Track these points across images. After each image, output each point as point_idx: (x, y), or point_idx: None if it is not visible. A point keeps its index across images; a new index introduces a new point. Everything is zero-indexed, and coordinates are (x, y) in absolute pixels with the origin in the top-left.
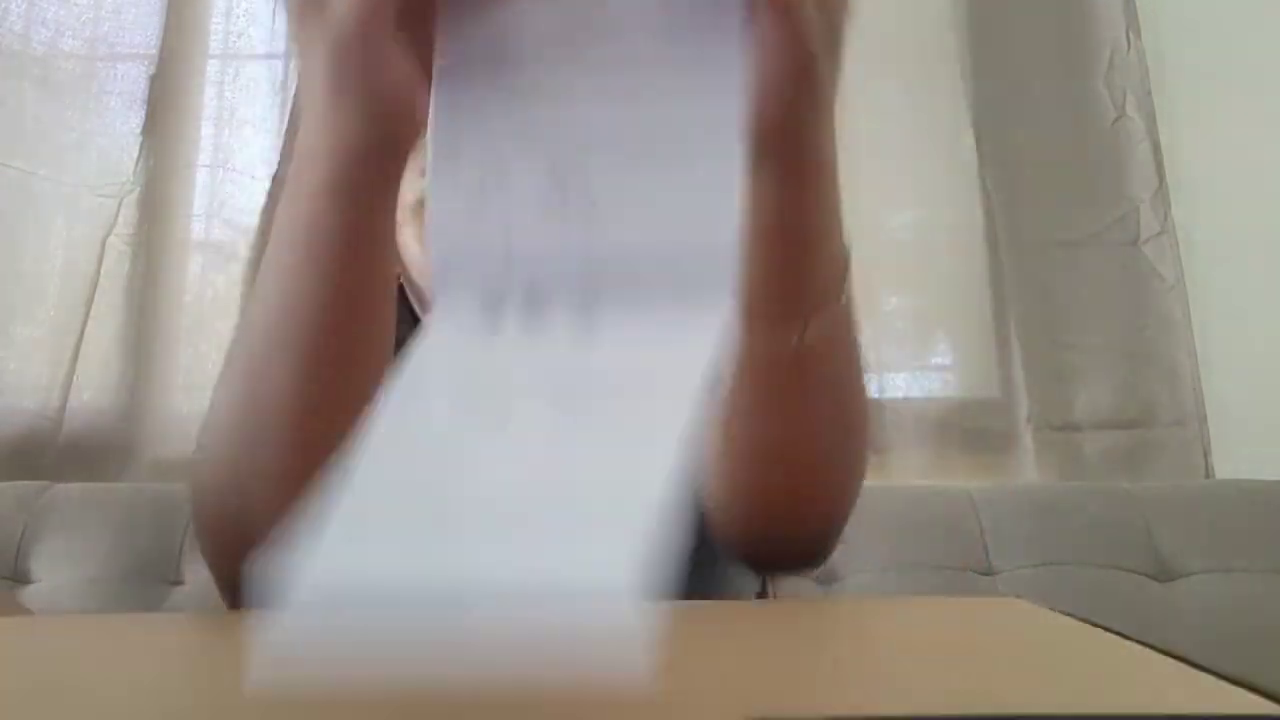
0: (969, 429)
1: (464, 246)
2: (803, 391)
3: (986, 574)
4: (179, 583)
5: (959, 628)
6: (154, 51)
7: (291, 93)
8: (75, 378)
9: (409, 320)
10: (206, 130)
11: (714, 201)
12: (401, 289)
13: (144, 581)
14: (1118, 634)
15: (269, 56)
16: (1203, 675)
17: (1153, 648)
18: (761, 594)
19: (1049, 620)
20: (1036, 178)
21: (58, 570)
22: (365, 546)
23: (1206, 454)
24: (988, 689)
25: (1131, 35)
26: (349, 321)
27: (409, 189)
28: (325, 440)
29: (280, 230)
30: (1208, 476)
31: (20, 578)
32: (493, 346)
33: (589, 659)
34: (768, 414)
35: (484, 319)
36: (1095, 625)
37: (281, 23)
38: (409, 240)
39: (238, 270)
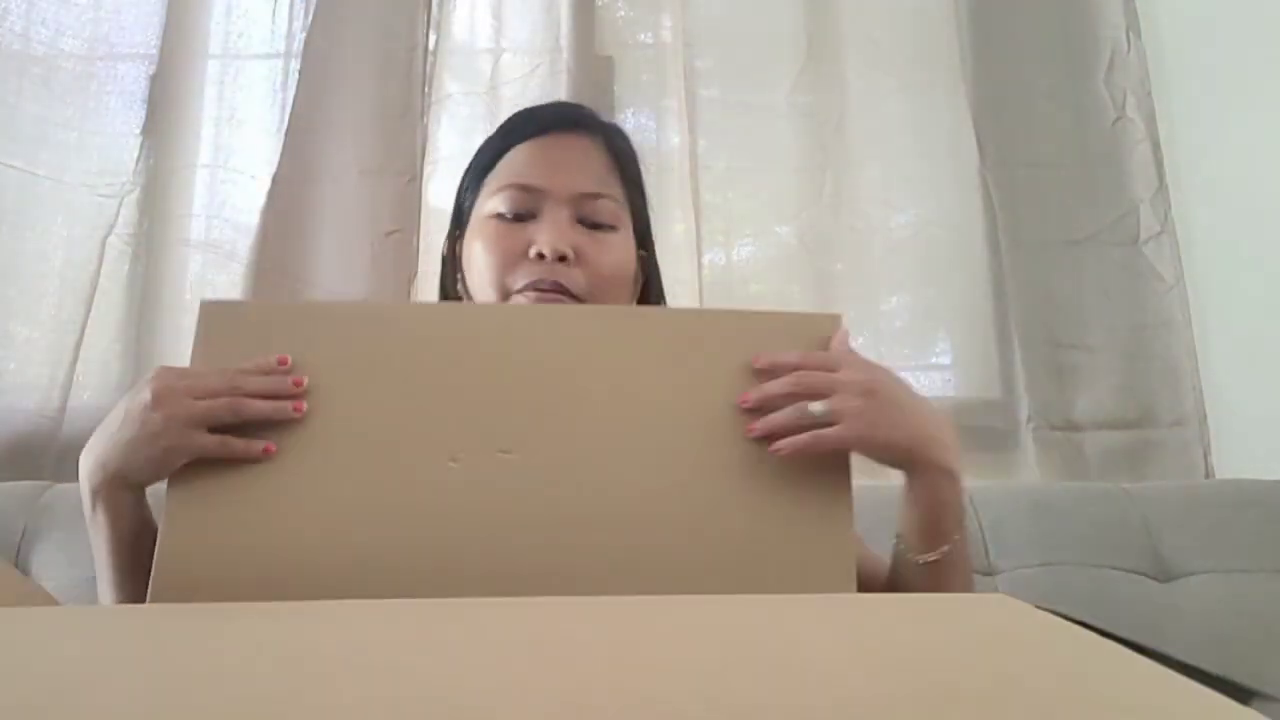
0: (969, 429)
1: None
2: (939, 586)
3: (987, 574)
4: None
5: (941, 623)
6: (154, 51)
7: (292, 93)
8: (75, 378)
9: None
10: (206, 130)
11: None
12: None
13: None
14: (1101, 632)
15: (269, 56)
16: (1169, 671)
17: (1137, 646)
18: None
19: (1031, 617)
20: (1036, 178)
21: (58, 570)
22: None
23: (1206, 454)
24: (959, 683)
25: (1131, 35)
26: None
27: (486, 206)
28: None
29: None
30: (1208, 476)
31: None
32: None
33: None
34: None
35: None
36: (1081, 624)
37: (281, 23)
38: (477, 250)
39: (238, 270)
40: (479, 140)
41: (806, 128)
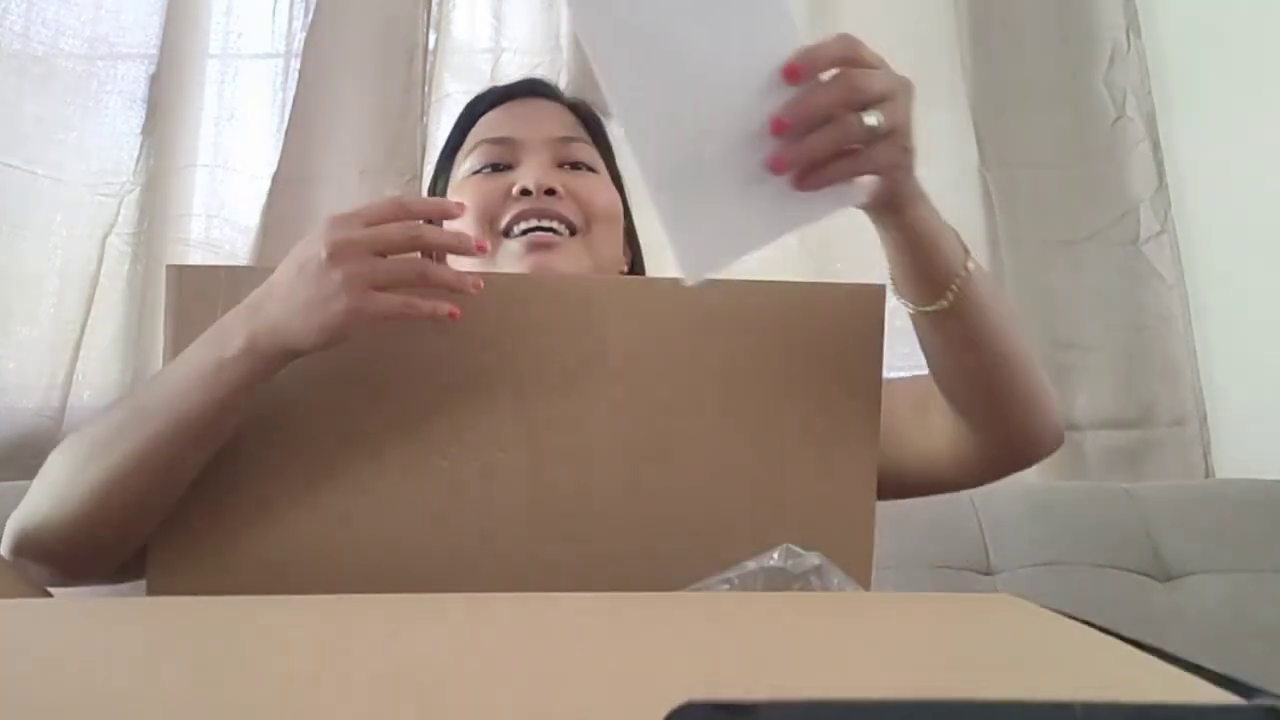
0: None
1: None
2: (967, 337)
3: (986, 574)
4: None
5: (945, 622)
6: (154, 51)
7: (292, 93)
8: (75, 378)
9: None
10: (206, 130)
11: None
12: None
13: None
14: (1104, 630)
15: (269, 56)
16: (1177, 670)
17: (1139, 644)
18: None
19: (1036, 616)
20: (1036, 178)
21: None
22: None
23: (1206, 454)
24: (957, 677)
25: (1131, 35)
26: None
27: (461, 170)
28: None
29: (175, 369)
30: (1208, 476)
31: None
32: None
33: None
34: (951, 357)
35: None
36: (1086, 623)
37: (281, 22)
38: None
39: None
40: None
41: None
